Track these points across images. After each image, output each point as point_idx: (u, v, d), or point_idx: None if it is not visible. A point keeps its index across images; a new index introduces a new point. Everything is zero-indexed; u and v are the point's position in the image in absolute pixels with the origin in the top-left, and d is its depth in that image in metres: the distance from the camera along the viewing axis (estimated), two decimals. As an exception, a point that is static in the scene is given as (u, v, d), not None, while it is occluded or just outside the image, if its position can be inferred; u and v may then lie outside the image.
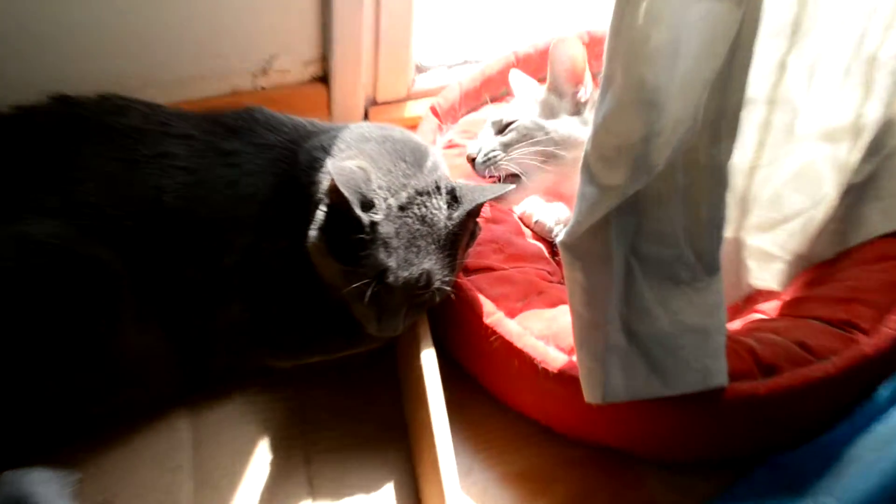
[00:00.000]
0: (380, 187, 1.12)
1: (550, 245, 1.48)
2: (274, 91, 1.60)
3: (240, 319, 1.24)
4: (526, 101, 1.42)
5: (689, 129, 1.02)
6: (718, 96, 1.02)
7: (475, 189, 1.15)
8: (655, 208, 1.06)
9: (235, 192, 1.22)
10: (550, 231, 1.50)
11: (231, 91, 1.58)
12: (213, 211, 1.21)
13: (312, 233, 1.13)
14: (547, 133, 1.35)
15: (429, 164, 1.18)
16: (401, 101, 1.73)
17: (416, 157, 1.18)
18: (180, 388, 1.30)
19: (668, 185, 1.07)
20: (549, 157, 1.34)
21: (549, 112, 1.38)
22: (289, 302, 1.25)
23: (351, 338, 1.29)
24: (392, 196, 1.11)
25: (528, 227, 1.52)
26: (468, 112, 1.64)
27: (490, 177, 1.38)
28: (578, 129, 1.37)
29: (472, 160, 1.36)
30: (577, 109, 1.39)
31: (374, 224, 1.09)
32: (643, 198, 1.07)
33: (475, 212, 1.17)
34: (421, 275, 1.12)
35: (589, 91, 1.39)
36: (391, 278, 1.12)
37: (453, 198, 1.15)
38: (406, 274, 1.11)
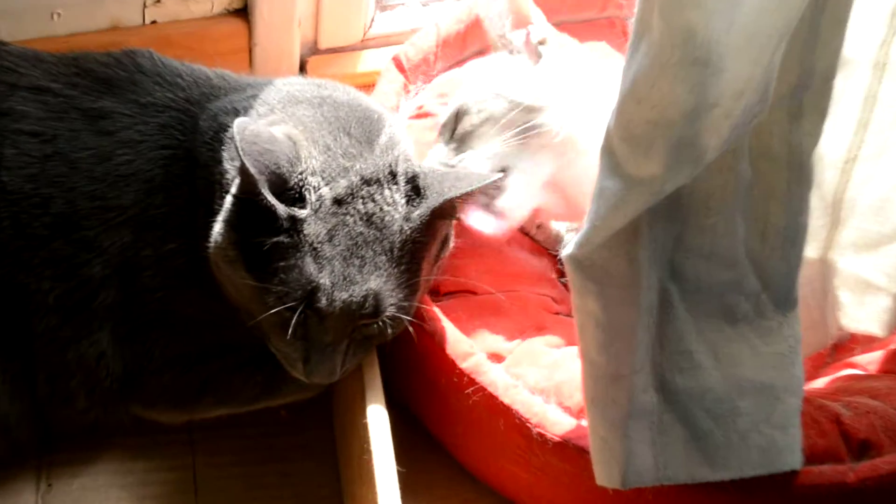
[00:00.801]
0: (312, 171, 1.13)
1: (558, 260, 1.45)
2: (170, 27, 1.60)
3: (108, 355, 1.23)
4: (475, 79, 1.44)
5: (758, 102, 0.99)
6: (801, 55, 1.00)
7: (446, 177, 1.16)
8: (705, 213, 1.06)
9: (107, 171, 1.21)
10: (559, 240, 1.49)
11: (110, 25, 1.58)
12: (73, 197, 1.20)
13: (216, 231, 1.15)
14: (510, 100, 1.35)
15: (383, 139, 1.17)
16: (353, 48, 1.72)
17: (365, 130, 1.18)
18: (26, 448, 1.30)
19: (724, 180, 1.05)
20: (524, 135, 1.34)
21: (510, 73, 1.41)
22: (178, 331, 1.24)
23: (267, 385, 1.28)
24: (326, 184, 1.11)
25: (526, 232, 1.52)
26: (448, 67, 1.62)
27: None
28: (545, 79, 1.38)
29: None
30: (537, 57, 1.41)
31: (296, 221, 1.11)
32: (688, 198, 1.05)
33: (446, 211, 1.16)
34: (366, 297, 1.11)
35: (541, 28, 1.42)
36: (323, 301, 1.10)
37: (414, 189, 1.15)
38: (344, 295, 1.10)
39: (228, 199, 1.14)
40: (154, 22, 1.59)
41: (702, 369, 1.11)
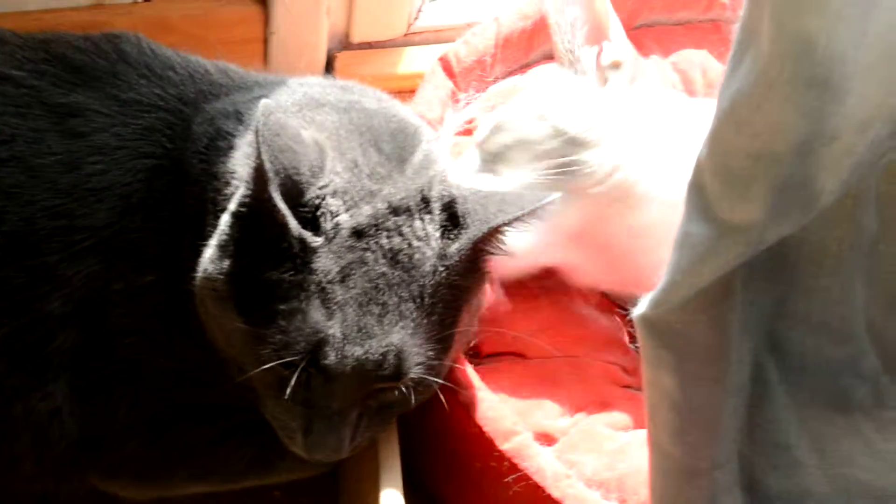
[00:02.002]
0: (333, 191, 1.13)
1: (630, 321, 1.42)
2: (168, 7, 1.62)
3: (63, 412, 1.23)
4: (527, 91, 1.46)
5: (890, 136, 0.97)
6: None
7: (490, 200, 1.15)
8: (816, 272, 1.05)
9: (74, 183, 1.21)
10: (634, 294, 1.47)
11: (93, 1, 1.59)
12: (31, 213, 1.20)
13: (206, 258, 1.15)
14: (553, 126, 1.37)
15: (417, 157, 1.18)
16: (393, 43, 1.74)
17: (398, 145, 1.18)
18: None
19: (842, 231, 1.04)
20: (561, 171, 1.35)
21: (564, 97, 1.42)
22: (150, 386, 1.24)
23: (258, 459, 1.28)
24: (347, 209, 1.11)
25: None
26: (508, 74, 1.63)
27: None
28: (603, 111, 1.39)
29: None
30: (604, 83, 1.42)
31: (305, 250, 1.10)
32: (795, 252, 1.04)
33: (490, 243, 1.15)
34: (385, 354, 1.10)
35: (621, 49, 1.42)
36: (331, 357, 1.10)
37: (451, 217, 1.15)
38: (358, 351, 1.09)
39: (225, 219, 1.14)
40: (148, 0, 1.61)
41: (802, 468, 1.09)
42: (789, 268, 1.06)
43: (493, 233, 1.15)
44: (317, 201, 1.11)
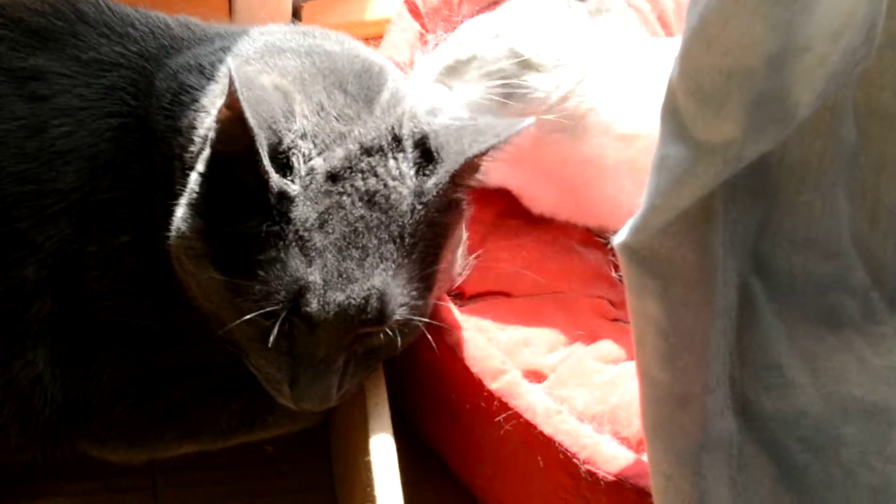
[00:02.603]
0: (303, 134, 1.13)
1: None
2: None
3: (45, 379, 1.23)
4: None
5: (863, 44, 0.97)
6: None
7: (464, 131, 1.15)
8: (798, 188, 1.06)
9: (40, 147, 1.21)
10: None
11: None
12: None
13: (178, 218, 1.14)
14: (505, 41, 1.38)
15: (385, 96, 1.17)
16: None
17: (363, 85, 1.18)
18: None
19: (821, 145, 1.04)
20: (510, 91, 1.36)
21: (524, 19, 1.43)
22: (133, 348, 1.24)
23: (246, 414, 1.28)
24: (319, 153, 1.11)
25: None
26: (478, 11, 1.62)
27: None
28: (561, 38, 1.39)
29: None
30: (567, 6, 1.43)
31: (283, 200, 1.10)
32: (775, 168, 1.04)
33: (467, 175, 1.15)
34: (367, 298, 1.10)
35: None
36: (314, 304, 1.09)
37: (425, 154, 1.15)
38: (340, 296, 1.09)
39: (194, 177, 1.14)
40: None
41: (795, 387, 1.09)
42: (771, 185, 1.06)
43: (470, 164, 1.15)
44: (290, 147, 1.11)
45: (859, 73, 1.01)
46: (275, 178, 1.08)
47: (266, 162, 1.07)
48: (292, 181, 1.10)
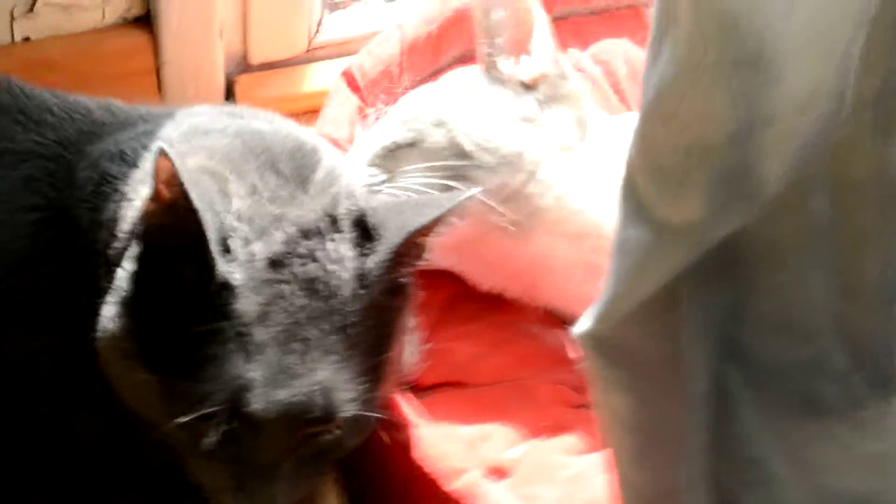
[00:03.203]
0: (239, 216, 1.10)
1: None
2: (50, 44, 1.60)
3: None
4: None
5: (832, 114, 0.95)
6: (888, 47, 0.95)
7: (404, 206, 1.15)
8: (770, 269, 1.03)
9: None
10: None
11: None
12: None
13: (106, 316, 1.11)
14: (449, 132, 1.37)
15: (319, 175, 1.17)
16: (295, 61, 1.74)
17: (296, 165, 1.16)
18: None
19: (794, 222, 1.01)
20: (456, 187, 1.33)
21: (468, 103, 1.42)
22: (61, 462, 1.20)
23: None
24: (257, 237, 1.09)
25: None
26: (418, 83, 1.61)
27: None
28: (513, 131, 1.38)
29: None
30: (518, 94, 1.42)
31: (225, 291, 1.06)
32: (745, 249, 1.01)
33: (412, 253, 1.14)
34: (312, 395, 1.07)
35: (542, 64, 1.41)
36: (256, 404, 1.05)
37: (364, 233, 1.13)
38: (283, 394, 1.06)
39: (121, 274, 1.11)
40: (27, 39, 1.60)
41: (778, 481, 1.06)
42: (742, 267, 1.03)
43: (412, 239, 1.13)
44: (230, 232, 1.09)
45: (830, 145, 0.99)
46: (221, 267, 1.05)
47: (214, 248, 1.04)
48: (234, 269, 1.07)
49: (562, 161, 1.39)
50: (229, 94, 1.71)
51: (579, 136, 1.42)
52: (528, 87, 1.40)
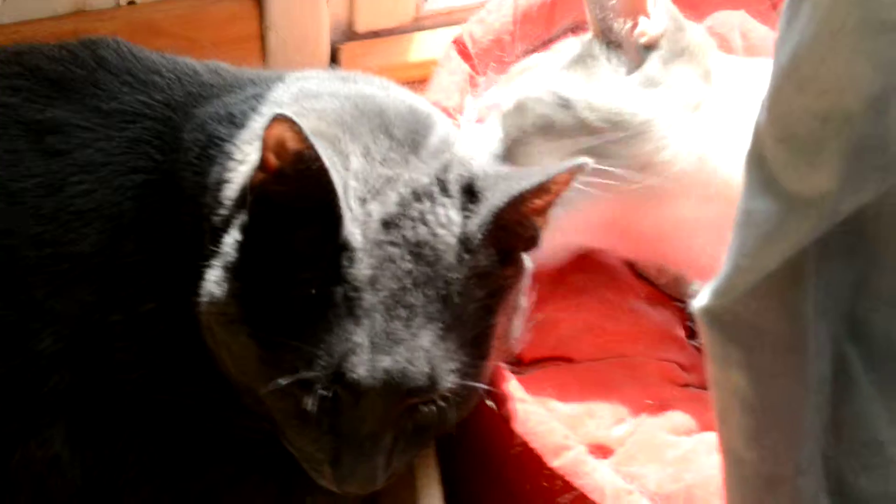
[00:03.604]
0: (356, 175, 1.11)
1: (687, 312, 1.45)
2: (155, 9, 1.61)
3: (64, 460, 1.20)
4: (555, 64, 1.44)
5: None
6: None
7: (511, 175, 1.14)
8: None
9: (58, 207, 1.19)
10: (688, 284, 1.48)
11: (73, 9, 1.58)
12: (13, 243, 1.18)
13: (211, 281, 1.12)
14: (569, 108, 1.34)
15: (433, 141, 1.17)
16: (402, 30, 1.75)
17: (410, 130, 1.16)
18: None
19: None
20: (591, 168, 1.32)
21: (587, 74, 1.39)
22: (160, 426, 1.20)
23: (284, 497, 1.24)
24: (373, 198, 1.10)
25: (644, 274, 1.51)
26: (529, 52, 1.61)
27: None
28: (639, 98, 1.36)
29: None
30: (639, 62, 1.39)
31: (345, 251, 1.07)
32: (874, 223, 0.99)
33: (517, 221, 1.13)
34: (416, 362, 1.07)
35: (662, 22, 1.39)
36: (360, 370, 1.05)
37: (471, 197, 1.13)
38: (388, 361, 1.06)
39: (228, 239, 1.12)
40: (132, 2, 1.61)
41: None
42: (868, 242, 1.00)
43: (517, 204, 1.11)
44: (347, 191, 1.09)
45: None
46: (348, 223, 1.05)
47: (343, 204, 1.05)
48: (354, 230, 1.08)
49: (693, 121, 1.37)
50: (334, 62, 1.71)
51: (706, 90, 1.40)
52: (648, 47, 1.39)
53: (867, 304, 1.02)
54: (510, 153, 1.37)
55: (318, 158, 1.02)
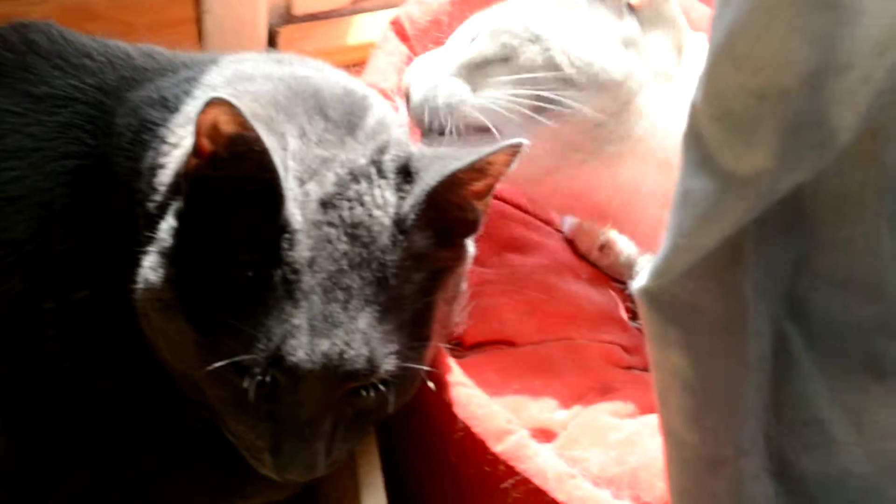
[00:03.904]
0: (293, 155, 1.11)
1: (628, 294, 1.47)
2: None
3: None
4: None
5: None
6: None
7: (447, 154, 1.13)
8: (837, 223, 1.01)
9: None
10: (631, 265, 1.49)
11: None
12: None
13: (147, 267, 1.11)
14: (546, 50, 1.34)
15: (370, 122, 1.17)
16: (340, 12, 1.75)
17: (345, 111, 1.16)
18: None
19: (863, 174, 0.99)
20: (548, 107, 1.32)
21: (565, 16, 1.38)
22: (94, 415, 1.19)
23: (223, 486, 1.24)
24: (311, 177, 1.09)
25: (586, 256, 1.52)
26: None
27: (435, 130, 1.37)
28: (614, 55, 1.35)
29: (407, 95, 1.42)
30: (619, 15, 1.39)
31: (285, 232, 1.06)
32: (811, 202, 1.00)
33: (452, 203, 1.13)
34: (354, 344, 1.07)
35: None
36: (299, 353, 1.05)
37: (405, 177, 1.13)
38: (326, 344, 1.05)
39: (164, 225, 1.11)
40: None
41: (839, 446, 1.04)
42: (806, 220, 1.01)
43: (451, 185, 1.11)
44: (286, 172, 1.09)
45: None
46: (290, 203, 1.05)
47: (285, 185, 1.05)
48: (294, 211, 1.08)
49: (659, 87, 1.38)
50: (272, 46, 1.71)
51: (677, 63, 1.40)
52: (632, 8, 1.39)
53: (807, 282, 1.03)
54: (467, 75, 1.37)
55: (258, 140, 1.02)
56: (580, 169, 1.36)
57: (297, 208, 1.07)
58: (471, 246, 1.22)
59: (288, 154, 1.10)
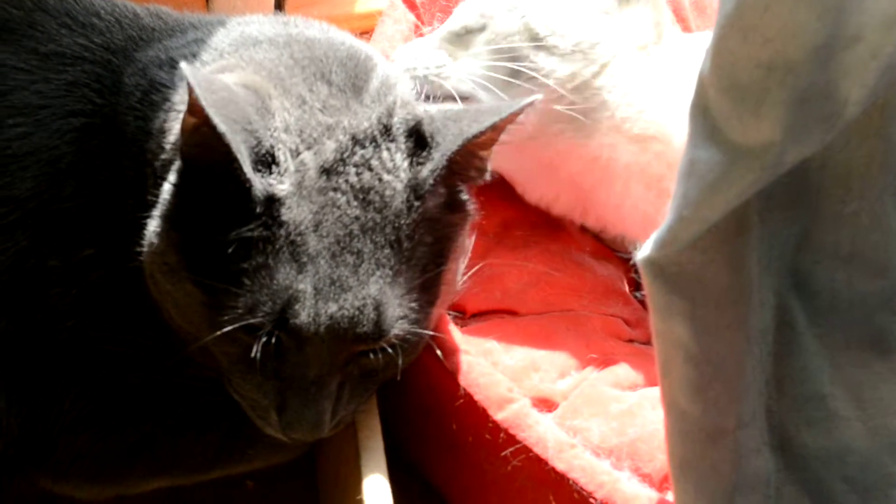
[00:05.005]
0: (286, 128, 1.10)
1: (631, 265, 1.46)
2: None
3: (0, 409, 1.18)
4: None
5: None
6: None
7: (462, 115, 1.13)
8: (843, 197, 1.01)
9: None
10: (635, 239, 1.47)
11: None
12: None
13: (151, 230, 1.11)
14: (522, 17, 1.36)
15: (374, 84, 1.16)
16: None
17: (349, 74, 1.16)
18: None
19: (870, 149, 0.99)
20: (524, 72, 1.34)
21: None
22: (98, 374, 1.20)
23: (226, 446, 1.24)
24: (308, 147, 1.09)
25: (590, 228, 1.52)
26: None
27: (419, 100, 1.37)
28: (592, 21, 1.37)
29: None
30: None
31: (272, 204, 1.07)
32: (818, 175, 1.00)
33: (468, 164, 1.14)
34: (363, 309, 1.07)
35: None
36: (303, 316, 1.05)
37: (418, 141, 1.13)
38: (333, 307, 1.06)
39: (167, 188, 1.11)
40: None
41: (839, 420, 1.05)
42: (811, 194, 1.01)
43: (469, 148, 1.12)
44: (273, 145, 1.09)
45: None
46: (258, 184, 1.05)
47: (247, 168, 1.04)
48: (281, 181, 1.07)
49: (636, 59, 1.39)
50: (278, 10, 1.70)
51: (655, 39, 1.41)
52: None
53: (811, 256, 1.03)
54: (449, 47, 1.39)
55: (212, 126, 1.03)
56: (558, 139, 1.37)
57: (288, 178, 1.07)
58: (472, 204, 1.22)
59: (271, 130, 1.09)
